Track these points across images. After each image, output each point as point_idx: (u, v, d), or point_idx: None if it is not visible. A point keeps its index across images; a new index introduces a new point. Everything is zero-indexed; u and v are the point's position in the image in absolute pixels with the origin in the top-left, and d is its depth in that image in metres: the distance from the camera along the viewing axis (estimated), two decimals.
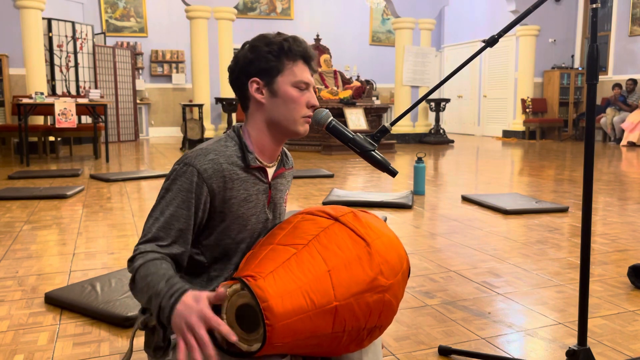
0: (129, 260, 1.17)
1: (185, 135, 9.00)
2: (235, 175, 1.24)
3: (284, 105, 1.26)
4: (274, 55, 1.24)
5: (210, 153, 1.23)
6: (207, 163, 1.21)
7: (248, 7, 12.73)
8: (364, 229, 1.15)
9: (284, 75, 1.25)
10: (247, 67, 1.26)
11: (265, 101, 1.26)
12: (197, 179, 1.20)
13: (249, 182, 1.27)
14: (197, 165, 1.20)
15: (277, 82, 1.25)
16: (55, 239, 3.31)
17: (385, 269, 1.12)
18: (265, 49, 1.24)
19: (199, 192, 1.20)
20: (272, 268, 1.04)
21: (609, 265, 2.75)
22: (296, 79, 1.25)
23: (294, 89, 1.25)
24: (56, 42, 9.27)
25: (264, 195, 1.31)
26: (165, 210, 1.20)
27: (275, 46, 1.24)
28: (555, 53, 11.64)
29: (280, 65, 1.24)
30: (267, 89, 1.26)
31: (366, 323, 1.11)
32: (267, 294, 1.00)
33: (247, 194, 1.27)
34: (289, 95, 1.25)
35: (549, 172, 6.32)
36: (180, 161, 1.23)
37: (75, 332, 1.97)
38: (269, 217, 1.34)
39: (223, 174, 1.22)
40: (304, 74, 1.27)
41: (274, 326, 0.99)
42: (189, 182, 1.20)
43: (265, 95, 1.26)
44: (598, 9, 1.43)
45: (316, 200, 4.52)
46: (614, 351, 1.81)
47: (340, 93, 9.10)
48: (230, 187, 1.24)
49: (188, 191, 1.20)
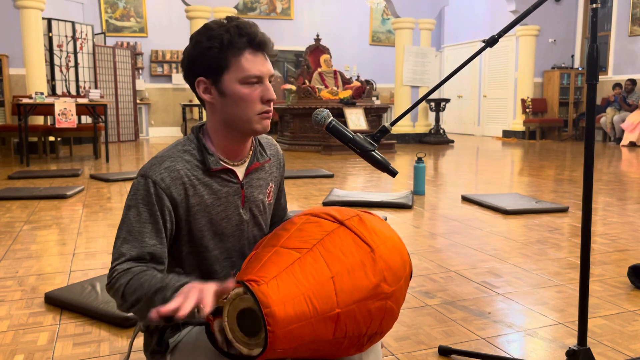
0: (108, 285, 1.09)
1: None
2: (197, 180, 1.16)
3: (234, 104, 1.14)
4: (216, 50, 1.11)
5: (166, 161, 1.15)
6: (163, 172, 1.13)
7: (248, 7, 12.73)
8: (369, 233, 1.13)
9: (230, 72, 1.13)
10: (192, 65, 1.15)
11: (214, 101, 1.16)
12: (154, 190, 1.12)
13: (214, 185, 1.19)
14: (152, 176, 1.13)
15: (223, 81, 1.13)
16: (55, 239, 3.31)
17: (389, 276, 1.11)
18: (206, 44, 1.12)
19: (160, 203, 1.13)
20: (275, 273, 1.03)
21: (609, 265, 2.75)
22: (244, 74, 1.12)
23: (243, 85, 1.13)
24: (56, 42, 9.27)
25: (235, 197, 1.22)
26: (131, 228, 1.12)
27: (216, 40, 1.11)
28: (555, 53, 11.64)
29: (224, 60, 1.12)
30: (214, 88, 1.15)
31: (367, 329, 1.10)
32: (270, 300, 0.99)
33: (213, 198, 1.19)
34: (238, 93, 1.13)
35: (549, 172, 6.32)
36: (138, 174, 1.16)
37: (75, 332, 1.97)
38: (245, 219, 1.25)
39: (182, 181, 1.15)
40: (254, 66, 1.13)
41: (276, 332, 0.98)
42: (147, 195, 1.12)
43: (214, 95, 1.16)
44: (598, 9, 1.43)
45: (316, 200, 4.52)
46: (614, 351, 1.81)
47: (340, 93, 9.10)
48: (192, 193, 1.16)
49: (150, 204, 1.12)
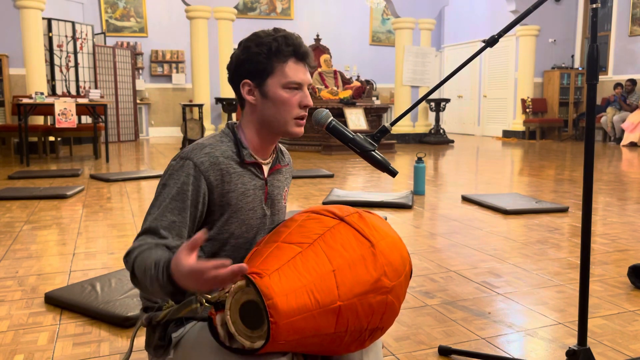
0: (126, 256, 1.16)
1: (185, 135, 9.00)
2: (232, 169, 1.24)
3: (274, 107, 1.25)
4: (264, 56, 1.22)
5: (207, 147, 1.23)
6: (204, 156, 1.21)
7: (248, 7, 12.73)
8: (369, 229, 1.15)
9: (274, 77, 1.23)
10: (239, 68, 1.25)
11: (256, 102, 1.26)
12: (194, 172, 1.19)
13: (245, 176, 1.27)
14: (193, 159, 1.20)
15: (267, 84, 1.24)
16: (55, 239, 3.31)
17: (389, 271, 1.12)
18: (255, 49, 1.23)
19: (196, 184, 1.20)
20: (277, 266, 1.05)
21: (609, 265, 2.75)
22: (286, 80, 1.23)
23: (284, 90, 1.24)
24: (56, 42, 9.27)
25: (260, 191, 1.31)
26: (162, 205, 1.19)
27: (265, 47, 1.22)
28: (555, 53, 11.64)
29: (269, 66, 1.23)
30: (258, 90, 1.25)
31: (368, 324, 1.11)
32: (272, 292, 1.00)
33: (244, 188, 1.27)
34: (279, 97, 1.24)
35: (549, 172, 6.32)
36: (177, 156, 1.23)
37: (75, 332, 1.97)
38: (267, 214, 1.33)
39: (220, 167, 1.22)
40: (297, 74, 1.24)
41: (278, 324, 0.99)
42: (185, 175, 1.19)
43: (256, 97, 1.26)
44: (598, 9, 1.43)
45: (316, 200, 4.52)
46: (614, 351, 1.81)
47: (340, 93, 9.10)
48: (227, 180, 1.23)
49: (185, 184, 1.19)
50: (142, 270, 1.09)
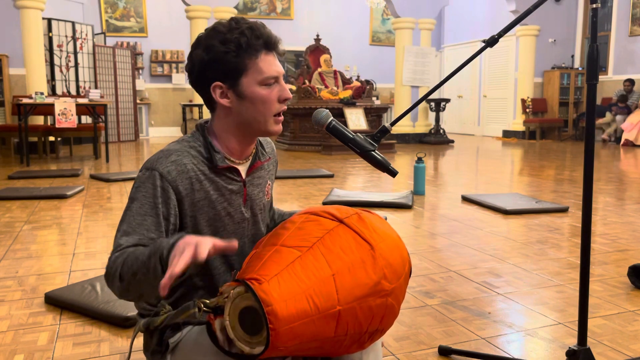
0: (106, 273, 1.08)
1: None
2: (203, 176, 1.17)
3: (253, 106, 1.15)
4: (233, 54, 1.11)
5: (172, 154, 1.15)
6: (170, 165, 1.13)
7: (248, 7, 12.73)
8: (368, 231, 1.13)
9: (248, 75, 1.13)
10: (205, 70, 1.14)
11: (232, 105, 1.16)
12: (161, 183, 1.11)
13: (219, 182, 1.19)
14: (159, 169, 1.12)
15: (241, 84, 1.14)
16: (55, 239, 3.31)
17: (389, 273, 1.11)
18: (221, 48, 1.11)
19: (165, 196, 1.12)
20: (276, 271, 1.03)
21: (609, 265, 2.75)
22: (262, 76, 1.14)
23: (261, 87, 1.14)
24: (56, 42, 9.27)
25: (237, 195, 1.23)
26: (132, 221, 1.10)
27: (232, 44, 1.11)
28: (555, 53, 11.63)
29: (241, 64, 1.12)
30: (232, 91, 1.15)
31: (368, 327, 1.10)
32: (272, 298, 0.99)
33: (218, 194, 1.19)
34: (257, 95, 1.14)
35: (549, 172, 6.32)
36: (143, 167, 1.15)
37: (75, 332, 1.97)
38: (246, 217, 1.26)
39: (189, 175, 1.14)
40: (271, 67, 1.15)
41: (278, 330, 0.98)
42: (153, 188, 1.11)
43: (231, 99, 1.16)
44: (598, 9, 1.43)
45: (316, 200, 4.52)
46: (614, 351, 1.81)
47: (340, 93, 9.10)
48: (198, 188, 1.16)
49: (154, 197, 1.11)
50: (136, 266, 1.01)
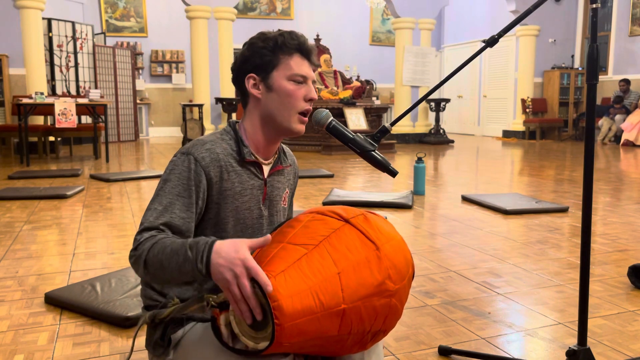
0: (133, 250, 1.13)
1: (185, 135, 9.00)
2: (231, 167, 1.25)
3: (279, 99, 1.26)
4: (269, 50, 1.25)
5: (207, 143, 1.25)
6: (205, 152, 1.22)
7: (248, 7, 12.73)
8: (374, 232, 1.14)
9: (279, 70, 1.25)
10: (244, 64, 1.27)
11: (261, 96, 1.27)
12: (195, 167, 1.20)
13: (244, 175, 1.27)
14: (194, 154, 1.21)
15: (272, 77, 1.25)
16: (55, 239, 3.31)
17: (393, 274, 1.12)
18: (260, 44, 1.26)
19: (197, 179, 1.20)
20: (283, 267, 1.04)
21: (609, 265, 2.75)
22: (292, 72, 1.25)
23: (289, 82, 1.25)
24: (56, 42, 9.27)
25: (259, 191, 1.30)
26: (164, 200, 1.18)
27: (271, 41, 1.25)
28: (555, 53, 11.63)
29: (275, 59, 1.25)
30: (263, 84, 1.26)
31: (371, 327, 1.11)
32: (278, 294, 0.99)
33: (242, 187, 1.27)
34: (284, 88, 1.25)
35: (549, 172, 6.32)
36: (178, 152, 1.24)
37: (75, 332, 1.97)
38: (264, 214, 1.32)
39: (220, 164, 1.23)
40: (301, 67, 1.26)
41: (283, 326, 0.99)
42: (187, 170, 1.20)
43: (261, 90, 1.27)
44: (598, 9, 1.43)
45: (316, 200, 4.52)
46: (614, 351, 1.81)
47: (340, 93, 9.10)
48: (226, 177, 1.24)
49: (187, 179, 1.20)
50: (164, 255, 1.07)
